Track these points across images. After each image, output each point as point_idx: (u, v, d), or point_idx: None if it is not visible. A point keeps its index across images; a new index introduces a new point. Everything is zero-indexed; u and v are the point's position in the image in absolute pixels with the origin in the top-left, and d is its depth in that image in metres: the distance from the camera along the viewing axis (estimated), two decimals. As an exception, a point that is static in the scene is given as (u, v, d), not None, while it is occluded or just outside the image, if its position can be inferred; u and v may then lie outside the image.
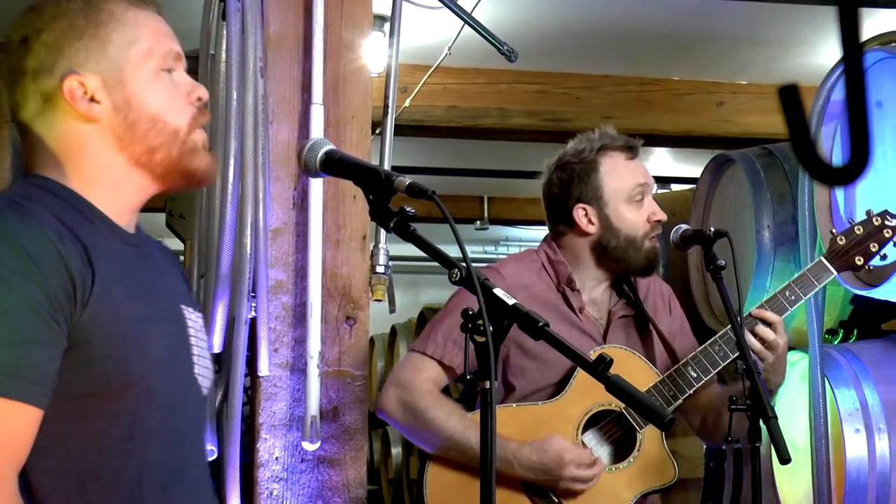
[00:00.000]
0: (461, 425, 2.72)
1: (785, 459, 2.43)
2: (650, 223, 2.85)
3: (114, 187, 1.73)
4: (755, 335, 2.76)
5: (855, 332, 3.97)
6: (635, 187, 2.86)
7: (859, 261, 2.89)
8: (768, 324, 2.77)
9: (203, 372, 1.81)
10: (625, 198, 2.85)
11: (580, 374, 2.77)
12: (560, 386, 2.79)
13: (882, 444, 3.42)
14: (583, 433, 2.78)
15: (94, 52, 1.70)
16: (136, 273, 1.73)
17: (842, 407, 3.47)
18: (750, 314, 2.80)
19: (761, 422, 2.53)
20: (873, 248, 2.89)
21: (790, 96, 0.64)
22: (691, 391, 2.78)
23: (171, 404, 1.72)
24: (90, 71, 1.70)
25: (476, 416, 2.81)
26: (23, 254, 1.56)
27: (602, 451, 2.80)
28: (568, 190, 2.90)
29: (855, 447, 3.43)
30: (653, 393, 2.76)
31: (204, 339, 1.84)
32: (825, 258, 2.91)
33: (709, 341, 2.80)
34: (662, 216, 2.87)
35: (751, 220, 4.05)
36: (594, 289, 2.91)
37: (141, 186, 1.76)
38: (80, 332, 1.60)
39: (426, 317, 7.89)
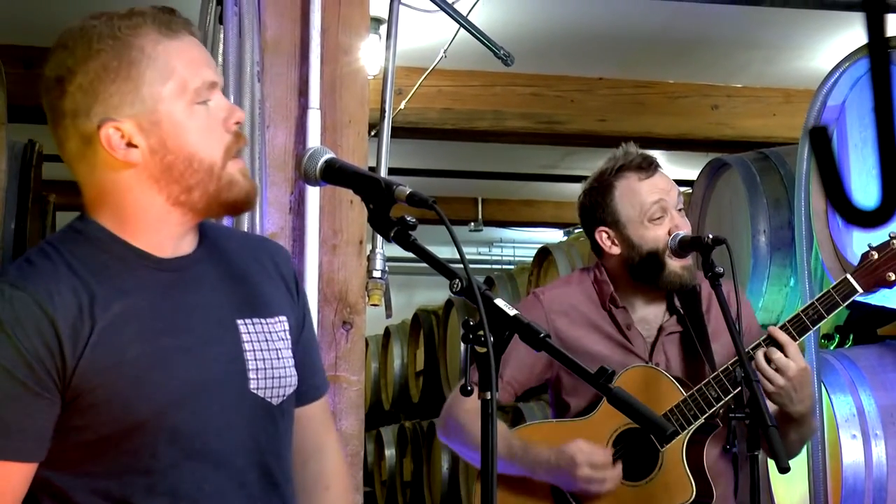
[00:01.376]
0: (499, 444, 2.76)
1: (784, 469, 2.43)
2: (670, 236, 2.84)
3: (154, 225, 1.75)
4: (766, 358, 2.70)
5: (851, 337, 3.97)
6: (651, 206, 2.85)
7: (891, 277, 2.72)
8: (779, 346, 2.70)
9: (265, 384, 1.79)
10: (642, 218, 2.85)
11: None
12: (594, 404, 2.83)
13: (878, 450, 3.42)
14: (613, 448, 2.81)
15: (128, 95, 1.70)
16: (167, 303, 1.74)
17: (838, 413, 3.48)
18: (768, 334, 2.74)
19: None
20: None
21: (820, 138, 0.63)
22: (711, 411, 2.77)
23: (206, 430, 1.72)
24: (125, 116, 1.70)
25: (519, 430, 2.88)
26: (1, 320, 1.65)
27: (627, 468, 2.81)
28: (591, 215, 2.94)
29: (851, 453, 3.43)
30: (675, 412, 2.76)
31: (271, 347, 1.81)
32: (852, 275, 2.75)
33: (731, 360, 2.77)
34: (684, 228, 2.85)
35: (747, 224, 4.05)
36: (644, 306, 2.91)
37: (183, 220, 1.77)
38: (79, 382, 1.67)
39: (420, 318, 7.89)
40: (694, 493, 2.76)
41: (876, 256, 2.75)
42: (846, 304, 2.76)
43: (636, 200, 2.86)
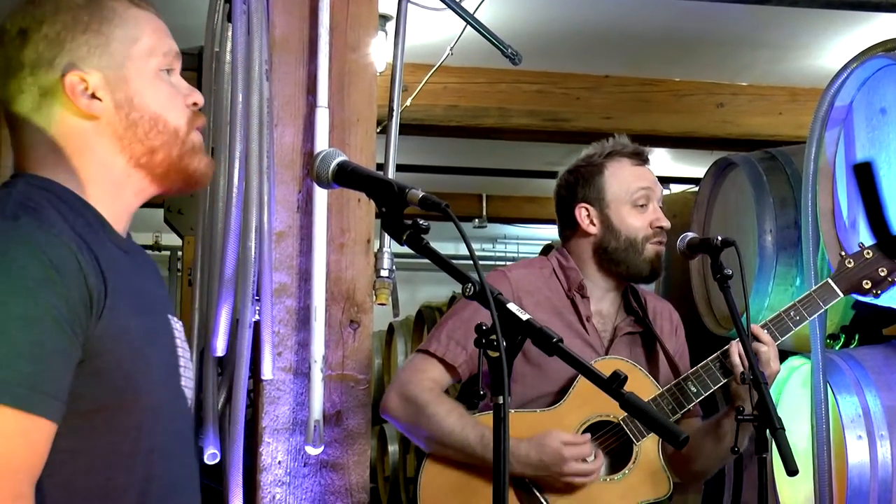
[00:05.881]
0: (460, 423, 2.74)
1: (792, 471, 2.43)
2: (652, 228, 2.87)
3: (113, 189, 1.72)
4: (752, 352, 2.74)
5: (857, 337, 3.96)
6: (638, 191, 2.90)
7: (867, 285, 2.91)
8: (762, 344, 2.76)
9: (188, 383, 1.80)
10: (626, 200, 2.89)
11: (579, 385, 2.78)
12: (558, 395, 2.80)
13: (884, 451, 3.42)
14: None
15: (96, 48, 1.69)
16: (134, 283, 1.71)
17: (844, 413, 3.47)
18: (750, 331, 2.78)
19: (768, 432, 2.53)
20: (881, 272, 2.90)
21: (865, 173, 0.63)
22: (690, 406, 2.79)
23: (168, 418, 1.72)
24: (92, 67, 1.68)
25: (479, 417, 2.84)
26: (47, 263, 1.54)
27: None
28: (573, 191, 2.97)
29: (857, 454, 3.43)
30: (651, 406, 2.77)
31: (187, 348, 1.83)
32: (832, 280, 2.91)
33: (710, 357, 2.80)
34: (665, 223, 2.89)
35: (753, 224, 4.05)
36: (601, 299, 2.92)
37: (140, 188, 1.74)
38: (93, 346, 1.59)
39: (424, 315, 7.89)
40: (671, 488, 2.77)
41: (852, 265, 2.91)
42: (827, 307, 2.90)
43: (625, 182, 2.91)
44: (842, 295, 2.90)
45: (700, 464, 2.88)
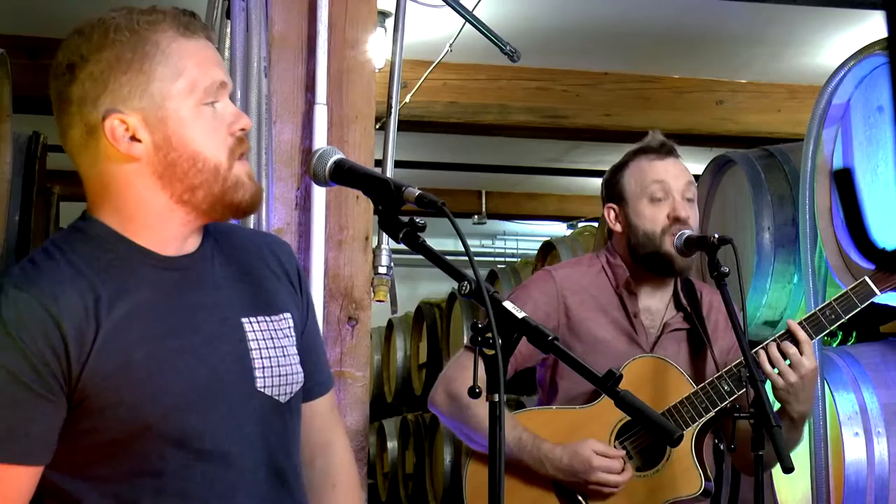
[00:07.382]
0: (508, 433, 2.74)
1: (788, 468, 2.44)
2: (669, 219, 2.87)
3: (156, 223, 1.74)
4: (780, 351, 2.74)
5: (854, 334, 3.98)
6: (652, 184, 2.90)
7: None
8: (796, 342, 2.74)
9: (272, 381, 1.79)
10: (642, 196, 2.91)
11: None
12: (598, 392, 2.81)
13: (881, 448, 3.43)
14: (616, 439, 2.82)
15: (137, 88, 1.69)
16: (171, 303, 1.73)
17: (841, 410, 3.48)
18: (787, 328, 2.77)
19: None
20: None
21: (844, 179, 0.64)
22: (723, 404, 2.78)
23: (215, 431, 1.72)
24: (132, 109, 1.69)
25: (518, 416, 2.86)
26: (5, 322, 1.64)
27: (634, 458, 2.82)
28: (604, 193, 3.03)
29: (854, 451, 3.44)
30: (685, 404, 2.78)
31: (276, 345, 1.81)
32: (870, 278, 2.82)
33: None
34: (681, 213, 2.87)
35: (751, 221, 4.06)
36: (649, 296, 2.93)
37: (185, 220, 1.76)
38: (86, 385, 1.66)
39: (423, 311, 7.89)
40: (703, 485, 2.78)
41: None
42: (864, 305, 2.81)
43: (640, 178, 2.93)
44: (879, 293, 2.81)
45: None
